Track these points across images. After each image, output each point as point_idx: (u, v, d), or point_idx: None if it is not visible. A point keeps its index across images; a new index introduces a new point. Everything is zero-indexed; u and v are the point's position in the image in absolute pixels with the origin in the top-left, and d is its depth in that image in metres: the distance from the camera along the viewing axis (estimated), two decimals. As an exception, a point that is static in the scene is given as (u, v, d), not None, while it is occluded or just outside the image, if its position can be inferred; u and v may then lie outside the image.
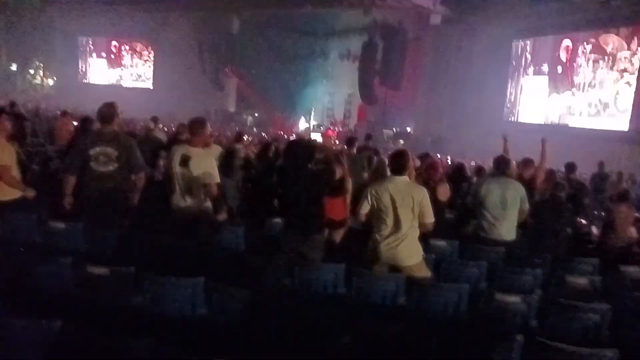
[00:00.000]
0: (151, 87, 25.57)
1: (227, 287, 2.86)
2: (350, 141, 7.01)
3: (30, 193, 4.44)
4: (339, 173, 4.89)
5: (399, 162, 3.95)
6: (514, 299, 3.55)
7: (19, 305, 2.33)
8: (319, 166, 4.41)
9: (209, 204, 4.54)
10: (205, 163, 4.27)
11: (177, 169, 4.26)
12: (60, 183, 4.26)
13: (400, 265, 3.83)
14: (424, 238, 4.85)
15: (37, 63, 24.38)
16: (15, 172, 4.42)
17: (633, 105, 12.80)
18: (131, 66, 26.44)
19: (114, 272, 2.83)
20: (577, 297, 4.04)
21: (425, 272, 3.89)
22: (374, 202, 3.87)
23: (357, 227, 5.44)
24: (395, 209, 3.80)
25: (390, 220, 3.82)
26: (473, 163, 10.08)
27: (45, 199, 4.55)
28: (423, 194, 3.85)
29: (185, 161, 4.21)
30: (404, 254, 3.84)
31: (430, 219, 3.89)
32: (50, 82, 25.42)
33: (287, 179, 4.02)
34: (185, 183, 4.27)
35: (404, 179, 3.91)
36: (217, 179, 4.34)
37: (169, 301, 2.84)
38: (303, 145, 4.21)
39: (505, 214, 4.98)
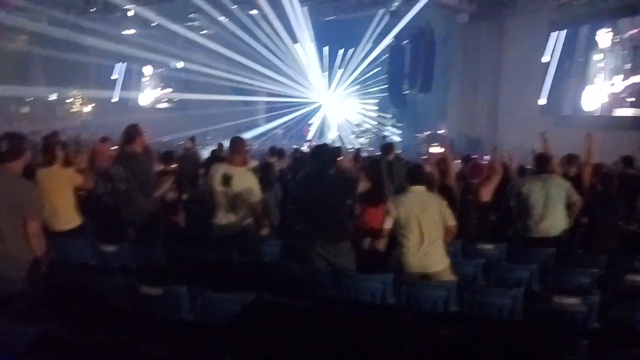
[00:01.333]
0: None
1: (279, 299, 2.85)
2: (386, 149, 6.90)
3: None
4: (361, 187, 4.89)
5: (415, 174, 4.14)
6: (573, 300, 3.41)
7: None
8: (339, 174, 4.42)
9: (250, 220, 4.57)
10: (247, 181, 4.31)
11: (218, 187, 4.31)
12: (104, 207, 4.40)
13: (429, 272, 3.92)
14: (471, 242, 4.76)
15: (75, 91, 25.29)
16: (71, 198, 4.58)
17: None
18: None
19: (168, 292, 2.86)
20: (638, 296, 3.86)
21: (451, 276, 3.97)
22: (398, 215, 3.98)
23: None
24: (418, 219, 3.93)
25: (415, 231, 3.94)
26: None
27: (93, 223, 4.67)
28: (439, 201, 4.05)
29: (227, 180, 4.27)
30: (433, 261, 3.93)
31: (452, 222, 4.01)
32: (88, 109, 26.30)
33: (311, 185, 4.02)
34: (228, 201, 4.32)
35: (421, 188, 4.06)
36: (260, 196, 4.38)
37: (220, 316, 2.85)
38: (327, 148, 4.27)
39: (551, 210, 4.84)
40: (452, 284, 3.60)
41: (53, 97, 24.65)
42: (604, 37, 14.45)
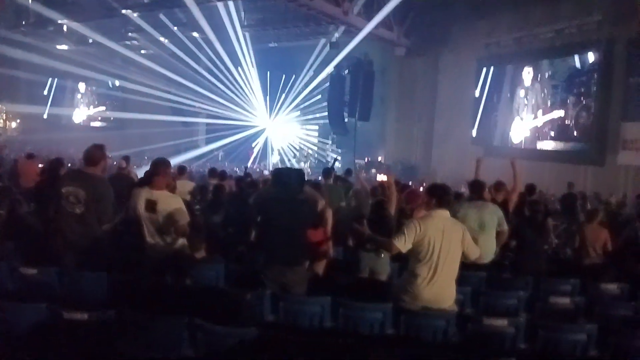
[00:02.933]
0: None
1: (213, 325, 2.76)
2: (327, 172, 7.02)
3: None
4: (320, 204, 4.88)
5: (445, 195, 3.69)
6: (501, 322, 3.55)
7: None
8: (304, 198, 4.39)
9: (183, 241, 4.42)
10: (172, 204, 4.12)
11: (144, 213, 4.12)
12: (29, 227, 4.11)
13: (439, 307, 3.54)
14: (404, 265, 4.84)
15: (0, 105, 23.83)
16: None
17: (593, 127, 13.34)
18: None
19: (94, 317, 2.70)
20: (562, 317, 4.09)
21: (455, 308, 3.67)
22: (419, 239, 3.48)
23: (339, 257, 5.44)
24: (440, 246, 3.48)
25: (434, 258, 3.48)
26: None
27: (15, 244, 4.35)
28: (464, 229, 3.66)
29: (151, 206, 4.08)
30: (446, 295, 3.57)
31: (474, 252, 3.67)
32: (14, 124, 24.82)
33: (278, 209, 3.97)
34: (155, 226, 4.14)
35: (446, 213, 3.64)
36: (186, 217, 4.19)
37: (154, 343, 2.72)
38: (294, 172, 4.17)
39: (484, 236, 5.01)
40: (389, 307, 3.61)
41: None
42: (527, 75, 15.60)
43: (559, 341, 3.52)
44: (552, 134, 14.62)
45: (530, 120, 15.37)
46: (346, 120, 19.86)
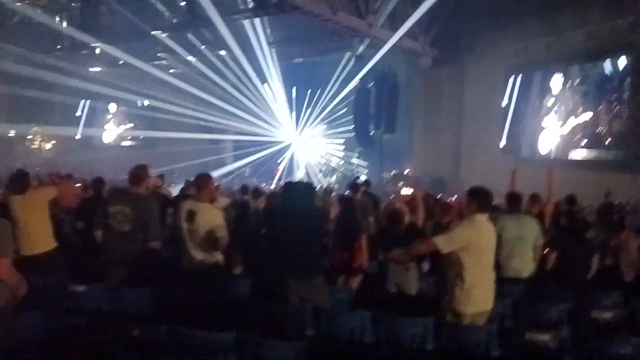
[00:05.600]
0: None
1: (261, 339, 2.81)
2: (354, 186, 7.05)
3: None
4: (333, 213, 4.92)
5: (487, 198, 3.72)
6: (544, 336, 3.50)
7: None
8: (313, 207, 4.41)
9: (220, 257, 4.50)
10: (211, 217, 4.25)
11: (183, 224, 4.24)
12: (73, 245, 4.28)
13: (485, 311, 3.66)
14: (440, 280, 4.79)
15: (36, 127, 24.65)
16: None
17: (627, 133, 13.00)
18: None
19: (145, 332, 2.78)
20: (605, 331, 4.00)
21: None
22: (464, 244, 3.54)
23: (374, 272, 5.44)
24: (487, 252, 3.64)
25: (485, 265, 3.61)
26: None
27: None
28: (494, 234, 3.78)
29: (191, 216, 4.21)
30: (490, 298, 3.69)
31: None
32: (48, 145, 25.63)
33: (283, 221, 4.02)
34: (193, 238, 4.25)
35: (485, 218, 3.70)
36: (225, 232, 4.30)
37: (203, 357, 2.78)
38: (303, 185, 4.23)
39: (522, 249, 4.97)
40: (430, 321, 3.60)
41: (12, 134, 23.94)
42: (556, 82, 15.33)
43: (605, 355, 3.44)
44: (584, 142, 14.30)
45: (559, 127, 15.09)
46: (372, 133, 19.89)
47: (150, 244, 4.29)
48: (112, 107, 27.03)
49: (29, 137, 24.89)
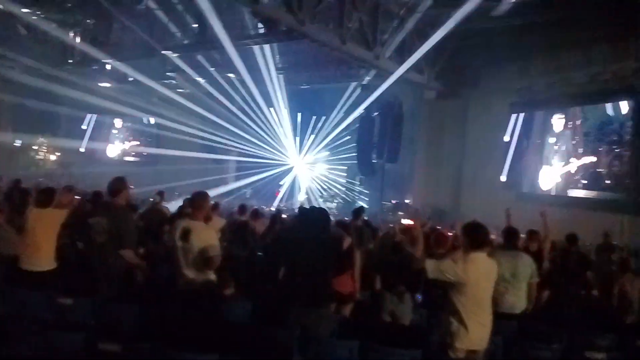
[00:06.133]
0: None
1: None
2: (357, 213, 7.04)
3: None
4: (346, 244, 4.89)
5: (480, 235, 3.65)
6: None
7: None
8: (329, 236, 4.40)
9: (213, 277, 4.48)
10: (205, 236, 4.24)
11: (178, 242, 4.24)
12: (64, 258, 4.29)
13: (479, 349, 3.61)
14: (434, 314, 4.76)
15: (41, 139, 24.85)
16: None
17: (627, 176, 13.03)
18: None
19: (128, 349, 2.75)
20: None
21: None
22: (459, 277, 3.49)
23: (366, 300, 5.39)
24: (487, 287, 3.62)
25: (478, 301, 3.56)
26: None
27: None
28: (495, 268, 3.77)
29: (185, 235, 4.20)
30: (485, 337, 3.62)
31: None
32: (53, 157, 25.78)
33: (297, 248, 4.00)
34: (187, 256, 4.24)
35: (484, 255, 3.69)
36: (218, 252, 4.29)
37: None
38: (319, 212, 4.22)
39: (516, 286, 4.94)
40: (418, 353, 3.56)
41: (17, 143, 24.11)
42: (558, 122, 15.45)
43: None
44: (584, 182, 14.32)
45: (560, 167, 15.14)
46: (374, 161, 19.96)
47: (121, 251, 4.31)
48: (118, 122, 27.28)
49: (34, 147, 25.08)
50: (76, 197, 9.07)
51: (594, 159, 14.00)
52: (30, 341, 2.91)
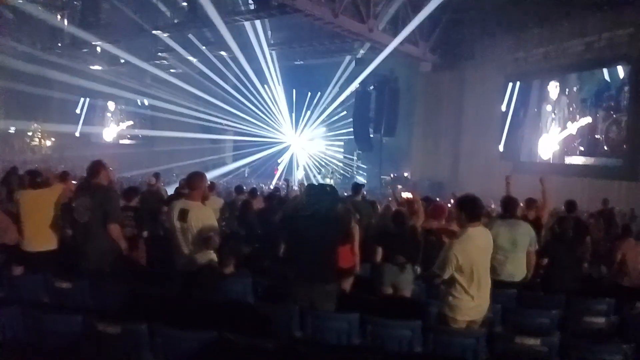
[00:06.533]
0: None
1: (242, 339, 2.78)
2: (356, 189, 7.02)
3: None
4: (353, 222, 4.88)
5: (475, 209, 3.60)
6: (533, 341, 3.46)
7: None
8: (337, 214, 4.38)
9: (213, 255, 4.48)
10: (203, 215, 4.22)
11: (176, 223, 4.23)
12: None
13: (478, 319, 3.64)
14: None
15: (35, 125, 24.67)
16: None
17: (626, 141, 13.01)
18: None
19: (126, 329, 2.75)
20: (596, 337, 3.96)
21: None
22: (460, 263, 3.48)
23: (366, 274, 5.40)
24: (481, 262, 3.56)
25: (477, 275, 3.53)
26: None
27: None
28: (491, 241, 3.72)
29: (183, 215, 4.19)
30: (484, 307, 3.66)
31: None
32: (48, 142, 25.65)
33: (306, 225, 3.98)
34: (186, 237, 4.23)
35: (480, 228, 3.65)
36: (217, 231, 4.27)
37: (183, 357, 2.75)
38: (328, 188, 4.19)
39: (515, 254, 4.93)
40: (418, 324, 3.57)
41: (11, 130, 23.95)
42: (554, 89, 15.35)
43: (594, 361, 3.41)
44: (582, 148, 14.31)
45: (557, 133, 15.09)
46: (372, 136, 19.89)
47: (108, 225, 4.30)
48: (112, 105, 27.06)
49: (28, 133, 24.93)
50: (73, 182, 9.08)
51: (591, 124, 13.97)
52: (28, 324, 2.91)
